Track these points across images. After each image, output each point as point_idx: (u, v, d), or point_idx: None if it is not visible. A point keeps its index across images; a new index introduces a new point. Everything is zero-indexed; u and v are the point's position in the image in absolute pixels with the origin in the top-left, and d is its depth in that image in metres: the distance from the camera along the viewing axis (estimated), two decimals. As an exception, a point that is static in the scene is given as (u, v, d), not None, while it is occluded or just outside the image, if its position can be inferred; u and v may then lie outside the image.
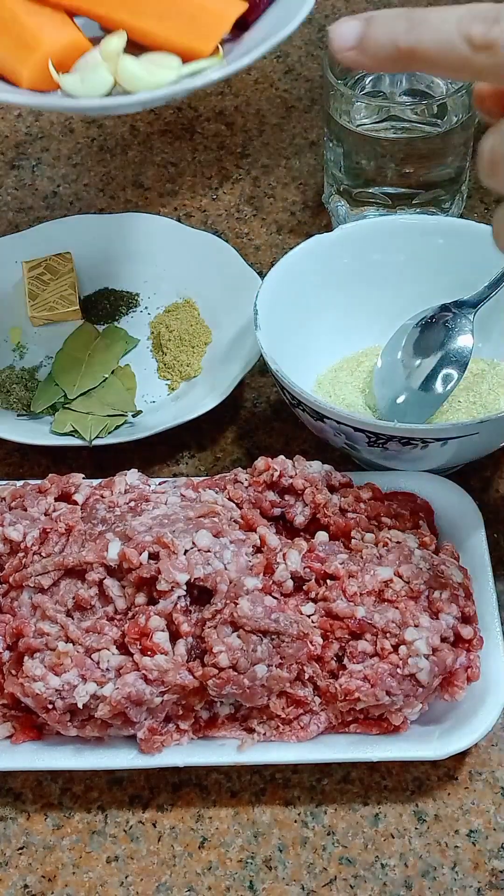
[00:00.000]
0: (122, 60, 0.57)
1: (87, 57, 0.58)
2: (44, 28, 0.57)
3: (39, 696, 0.56)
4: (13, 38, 0.57)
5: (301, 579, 0.60)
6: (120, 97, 0.57)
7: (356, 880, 0.57)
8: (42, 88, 0.58)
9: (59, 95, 0.58)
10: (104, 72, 0.57)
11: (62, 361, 0.80)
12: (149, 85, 0.57)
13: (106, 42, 0.58)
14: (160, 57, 0.58)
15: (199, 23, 0.58)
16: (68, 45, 0.58)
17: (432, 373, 0.72)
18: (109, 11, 0.58)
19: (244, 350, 0.79)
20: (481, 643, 0.59)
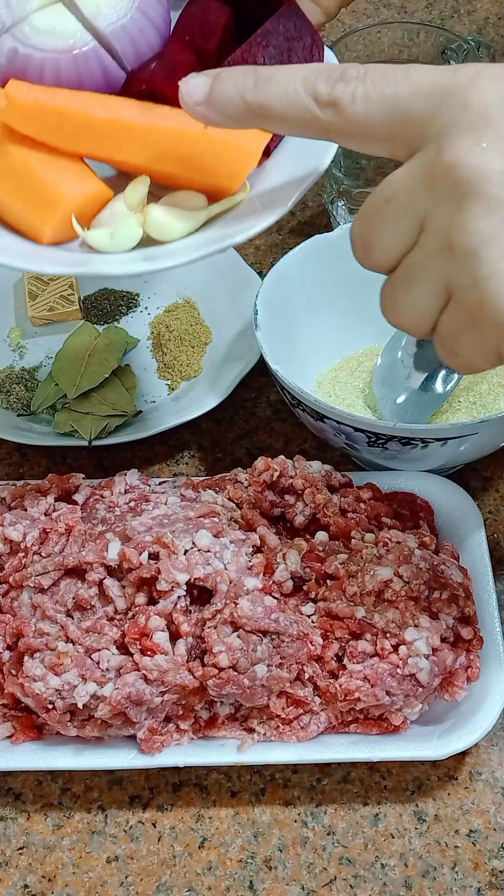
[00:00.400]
0: (149, 210, 0.54)
1: (112, 207, 0.55)
2: (63, 182, 0.54)
3: (39, 696, 0.56)
4: (31, 194, 0.54)
5: (301, 579, 0.60)
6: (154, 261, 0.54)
7: (356, 880, 0.57)
8: (62, 241, 0.56)
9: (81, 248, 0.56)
10: (133, 225, 0.54)
11: (62, 361, 0.80)
12: (179, 233, 0.55)
13: (130, 191, 0.54)
14: (185, 197, 0.56)
15: (224, 161, 0.55)
16: (90, 198, 0.55)
17: (432, 373, 0.72)
18: (130, 157, 0.55)
19: (244, 350, 0.79)
20: (481, 643, 0.59)
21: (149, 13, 0.57)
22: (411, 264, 0.47)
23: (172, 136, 0.54)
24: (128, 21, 0.56)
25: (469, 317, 0.46)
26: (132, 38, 0.56)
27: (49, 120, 0.53)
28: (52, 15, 0.56)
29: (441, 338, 0.48)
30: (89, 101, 0.54)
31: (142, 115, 0.54)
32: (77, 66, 0.55)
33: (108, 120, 0.54)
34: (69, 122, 0.54)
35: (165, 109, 0.55)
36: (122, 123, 0.54)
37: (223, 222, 0.56)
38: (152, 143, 0.54)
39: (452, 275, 0.45)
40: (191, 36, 0.58)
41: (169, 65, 0.56)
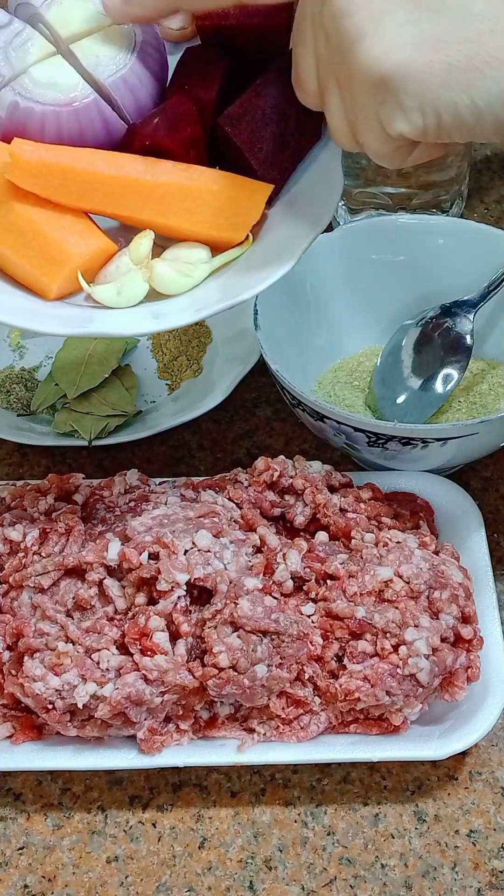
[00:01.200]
0: (154, 265, 0.55)
1: (117, 262, 0.56)
2: (69, 239, 0.54)
3: (39, 696, 0.56)
4: (37, 251, 0.54)
5: (301, 579, 0.60)
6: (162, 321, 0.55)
7: (356, 880, 0.57)
8: (67, 295, 0.56)
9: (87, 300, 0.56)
10: (139, 280, 0.55)
11: (62, 361, 0.80)
12: (184, 287, 0.55)
13: (135, 246, 0.55)
14: (188, 250, 0.56)
15: (227, 213, 0.55)
16: (95, 254, 0.55)
17: (432, 373, 0.72)
18: (134, 213, 0.55)
19: (244, 350, 0.79)
20: (481, 643, 0.59)
21: (147, 62, 0.57)
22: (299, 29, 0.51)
23: (177, 191, 0.55)
24: (127, 72, 0.56)
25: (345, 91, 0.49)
26: (132, 88, 0.56)
27: (53, 178, 0.54)
28: (52, 67, 0.55)
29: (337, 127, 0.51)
30: (93, 158, 0.54)
31: (145, 171, 0.54)
32: (78, 118, 0.55)
33: (112, 176, 0.54)
34: (74, 180, 0.54)
35: (168, 164, 0.55)
36: (127, 180, 0.54)
37: (228, 275, 0.56)
38: (156, 199, 0.55)
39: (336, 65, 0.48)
40: (190, 85, 0.57)
41: (171, 119, 0.56)
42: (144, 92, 0.57)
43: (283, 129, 0.56)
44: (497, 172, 0.94)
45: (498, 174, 0.94)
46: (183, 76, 0.58)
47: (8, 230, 0.54)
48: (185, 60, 0.59)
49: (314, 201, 0.57)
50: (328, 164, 0.58)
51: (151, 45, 0.57)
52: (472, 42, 0.45)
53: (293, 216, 0.57)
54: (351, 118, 0.50)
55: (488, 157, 0.96)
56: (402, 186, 0.81)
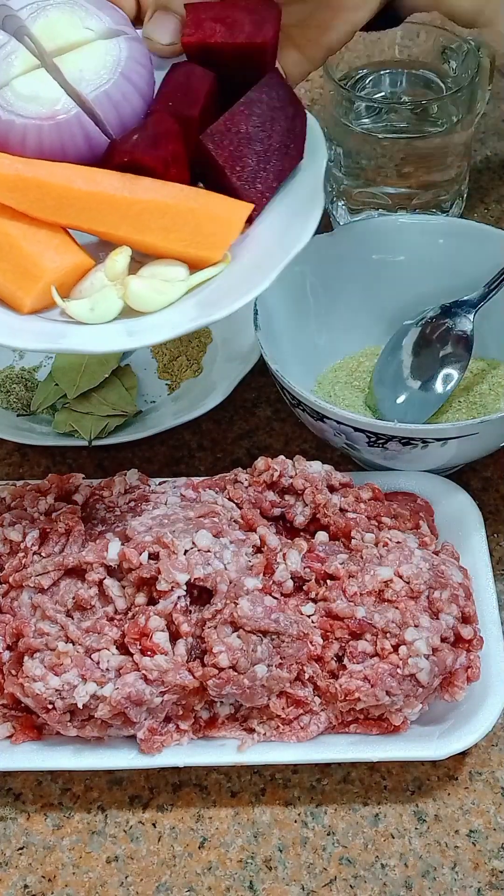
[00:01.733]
0: (129, 282, 0.54)
1: (92, 278, 0.55)
2: (45, 253, 0.54)
3: (39, 696, 0.56)
4: (12, 265, 0.54)
5: (301, 579, 0.60)
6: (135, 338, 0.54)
7: (356, 880, 0.57)
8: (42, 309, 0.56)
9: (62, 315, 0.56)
10: (113, 297, 0.54)
11: (62, 361, 0.80)
12: (159, 305, 0.55)
13: (111, 263, 0.54)
14: (165, 268, 0.56)
15: (205, 232, 0.55)
16: (71, 269, 0.55)
17: (432, 373, 0.72)
18: (111, 229, 0.55)
19: (244, 350, 0.79)
20: (481, 643, 0.59)
21: (132, 78, 0.56)
22: None
23: (154, 208, 0.54)
24: (111, 87, 0.56)
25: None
26: (115, 103, 0.56)
27: (30, 192, 0.53)
28: (35, 80, 0.55)
29: None
30: (70, 174, 0.54)
31: (123, 188, 0.54)
32: (60, 132, 0.55)
33: (89, 192, 0.54)
34: (50, 194, 0.54)
35: (147, 181, 0.55)
36: (104, 196, 0.54)
37: (204, 293, 0.56)
38: (134, 216, 0.54)
39: None
40: (174, 102, 0.57)
41: (151, 135, 0.55)
42: (128, 107, 0.56)
43: (266, 148, 0.56)
44: (497, 172, 0.94)
45: (498, 174, 0.94)
46: (167, 93, 0.58)
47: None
48: (170, 77, 0.58)
49: (294, 222, 0.56)
50: (310, 186, 0.58)
51: (137, 61, 0.57)
52: None
53: (272, 236, 0.57)
54: None
55: (488, 157, 0.96)
56: (402, 186, 0.81)
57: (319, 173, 0.58)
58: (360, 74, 0.83)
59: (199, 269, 0.56)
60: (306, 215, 0.56)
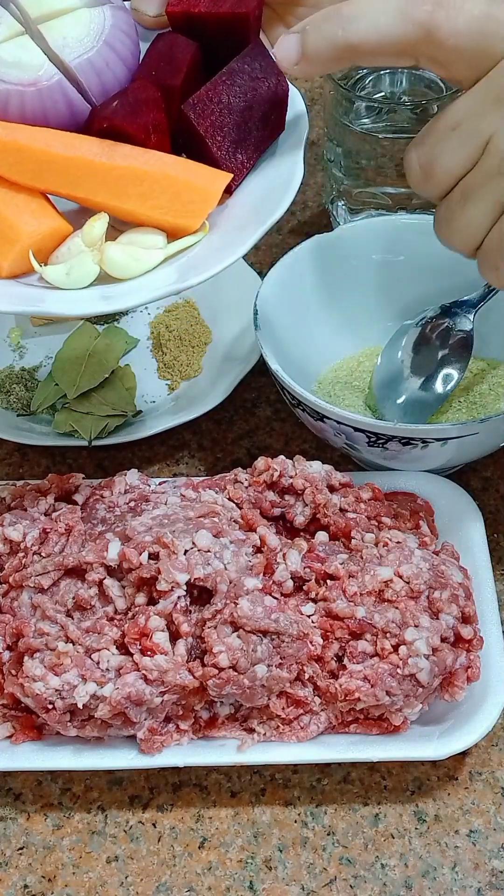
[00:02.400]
0: (106, 248, 0.54)
1: (70, 244, 0.56)
2: (22, 217, 0.54)
3: (39, 696, 0.56)
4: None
5: (301, 579, 0.60)
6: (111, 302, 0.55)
7: (356, 880, 0.57)
8: (20, 274, 0.56)
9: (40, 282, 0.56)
10: (89, 262, 0.54)
11: (62, 361, 0.80)
12: (136, 272, 0.55)
13: (88, 228, 0.54)
14: (144, 236, 0.56)
15: (184, 200, 0.55)
16: (49, 234, 0.55)
17: (432, 373, 0.72)
18: (89, 195, 0.55)
19: (244, 350, 0.79)
20: (481, 643, 0.59)
21: (116, 46, 0.57)
22: (471, 184, 0.52)
23: (132, 175, 0.54)
24: (94, 54, 0.56)
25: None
26: (98, 71, 0.56)
27: (9, 155, 0.54)
28: (18, 47, 0.56)
29: (486, 252, 0.53)
30: (49, 138, 0.54)
31: (102, 153, 0.54)
32: (42, 99, 0.55)
33: (68, 157, 0.54)
34: (29, 158, 0.54)
35: (126, 148, 0.55)
36: (83, 161, 0.54)
37: (182, 261, 0.56)
38: (112, 182, 0.55)
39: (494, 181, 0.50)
40: (157, 71, 0.57)
41: (132, 102, 0.56)
42: (111, 75, 0.57)
43: (246, 119, 0.57)
44: (497, 172, 0.94)
45: (498, 174, 0.94)
46: (150, 62, 0.58)
47: None
48: (154, 47, 0.59)
49: (273, 192, 0.57)
50: (289, 157, 0.58)
51: (122, 30, 0.57)
52: None
53: (250, 206, 0.57)
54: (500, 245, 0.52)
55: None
56: (402, 186, 0.81)
57: (300, 144, 0.59)
58: (360, 74, 0.83)
59: (178, 239, 0.57)
60: (285, 186, 0.57)
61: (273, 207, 0.56)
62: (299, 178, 0.57)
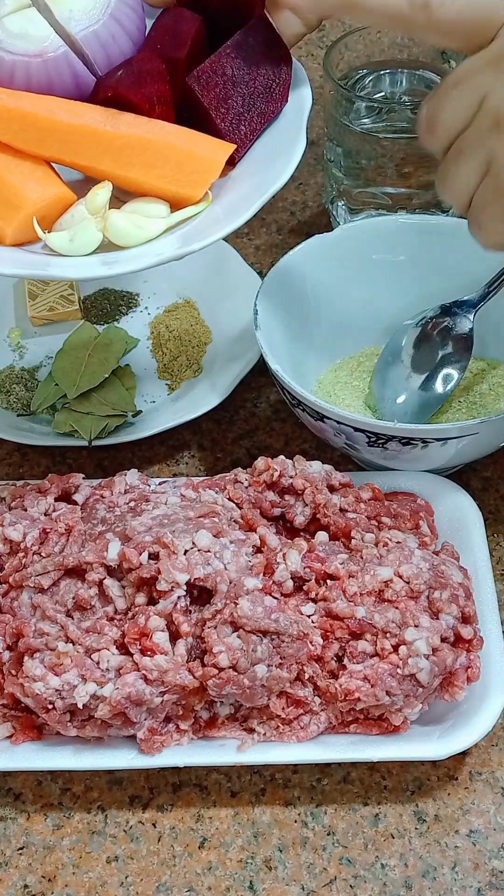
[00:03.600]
0: (109, 216, 0.55)
1: (73, 211, 0.56)
2: (27, 184, 0.55)
3: (39, 696, 0.56)
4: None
5: (301, 579, 0.60)
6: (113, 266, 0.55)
7: (356, 880, 0.57)
8: (25, 242, 0.57)
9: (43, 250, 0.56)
10: (93, 229, 0.55)
11: (62, 361, 0.80)
12: (138, 239, 0.56)
13: (92, 196, 0.55)
14: (147, 205, 0.57)
15: (187, 170, 0.56)
16: (53, 201, 0.56)
17: (432, 373, 0.72)
18: (93, 162, 0.56)
19: (244, 350, 0.79)
20: (481, 643, 0.59)
21: (122, 20, 0.57)
22: (465, 140, 0.53)
23: (136, 143, 0.55)
24: (100, 27, 0.56)
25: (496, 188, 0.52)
26: (104, 43, 0.57)
27: (13, 123, 0.54)
28: (25, 19, 0.56)
29: (473, 209, 0.55)
30: (54, 106, 0.55)
31: (106, 122, 0.55)
32: (47, 70, 0.56)
33: (72, 125, 0.55)
34: (33, 126, 0.54)
35: (130, 117, 0.55)
36: (86, 129, 0.55)
37: (184, 230, 0.56)
38: (116, 150, 0.55)
39: (495, 148, 0.52)
40: (162, 44, 0.58)
41: (136, 72, 0.56)
42: (117, 48, 0.57)
43: (251, 91, 0.58)
44: (497, 172, 0.94)
45: (498, 174, 0.94)
46: (155, 35, 0.59)
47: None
48: (159, 21, 0.59)
49: (275, 162, 0.58)
50: (292, 128, 0.59)
51: (128, 5, 0.58)
52: None
53: (253, 175, 0.58)
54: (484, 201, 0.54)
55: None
56: (402, 186, 0.81)
57: (303, 116, 0.60)
58: (360, 74, 0.83)
59: (181, 208, 0.57)
60: (287, 157, 0.57)
61: (275, 178, 0.56)
62: (301, 148, 0.58)
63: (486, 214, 0.54)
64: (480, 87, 0.52)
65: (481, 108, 0.52)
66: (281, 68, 0.59)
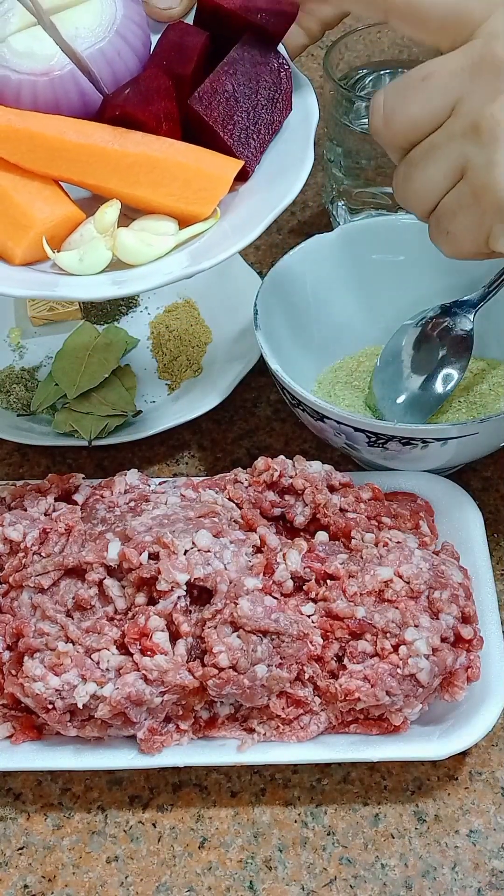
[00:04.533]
0: (118, 234, 0.55)
1: (82, 230, 0.56)
2: (35, 204, 0.55)
3: (39, 696, 0.56)
4: (3, 216, 0.55)
5: (301, 579, 0.60)
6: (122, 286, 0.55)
7: (356, 880, 0.57)
8: (34, 261, 0.57)
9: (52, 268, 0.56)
10: (102, 248, 0.55)
11: (62, 361, 0.80)
12: (147, 258, 0.56)
13: (100, 215, 0.55)
14: (156, 223, 0.57)
15: (195, 187, 0.56)
16: (62, 221, 0.56)
17: (432, 373, 0.72)
18: (101, 181, 0.56)
19: (244, 350, 0.79)
20: (481, 643, 0.59)
21: (127, 37, 0.57)
22: (434, 143, 0.51)
23: (144, 161, 0.55)
24: (106, 45, 0.57)
25: (473, 196, 0.50)
26: (110, 61, 0.57)
27: (22, 143, 0.54)
28: (31, 37, 0.56)
29: (439, 215, 0.52)
30: (62, 126, 0.55)
31: (114, 140, 0.55)
32: (54, 88, 0.56)
33: (80, 144, 0.55)
34: (42, 146, 0.54)
35: (138, 135, 0.55)
36: (95, 148, 0.55)
37: (193, 247, 0.56)
38: (124, 169, 0.55)
39: (470, 155, 0.49)
40: (168, 60, 0.58)
41: (143, 90, 0.56)
42: (123, 65, 0.57)
43: (254, 104, 0.58)
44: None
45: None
46: (162, 52, 0.59)
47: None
48: (165, 37, 0.59)
49: (284, 177, 0.57)
50: (300, 140, 0.59)
51: (133, 21, 0.58)
52: None
53: (261, 190, 0.58)
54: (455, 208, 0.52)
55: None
56: (402, 186, 0.81)
57: (311, 127, 0.59)
58: (360, 74, 0.83)
59: (189, 225, 0.57)
60: (296, 171, 0.57)
61: (284, 193, 0.56)
62: (310, 163, 0.58)
63: (458, 222, 0.52)
64: (454, 89, 0.50)
65: (455, 112, 0.50)
66: (281, 78, 0.59)
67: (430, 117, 0.51)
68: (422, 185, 0.52)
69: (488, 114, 0.48)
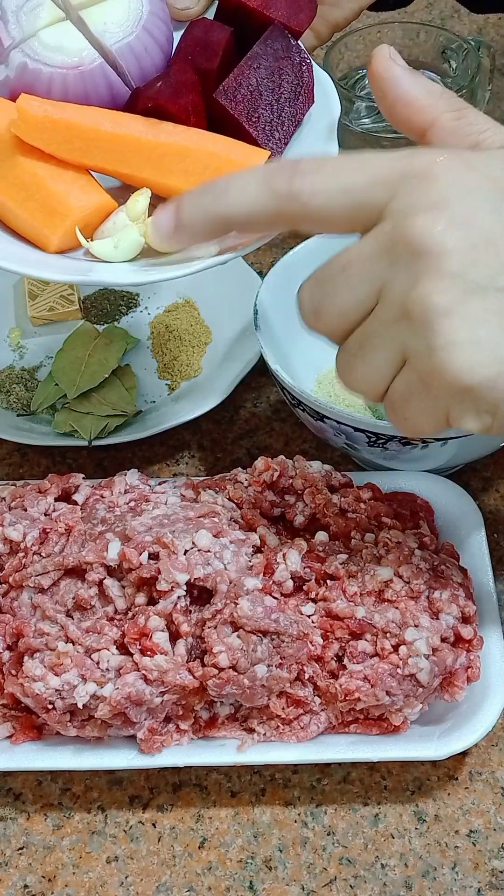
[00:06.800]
0: (150, 223, 0.56)
1: (115, 219, 0.57)
2: (71, 193, 0.56)
3: (39, 696, 0.56)
4: (39, 204, 0.56)
5: (301, 579, 0.60)
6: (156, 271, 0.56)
7: (356, 880, 0.57)
8: (67, 249, 0.58)
9: (85, 256, 0.58)
10: (135, 234, 0.56)
11: (62, 361, 0.80)
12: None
13: (132, 203, 0.57)
14: None
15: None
16: (95, 209, 0.57)
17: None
18: (134, 171, 0.57)
19: (244, 350, 0.79)
20: (481, 643, 0.59)
21: (153, 32, 0.59)
22: (368, 332, 0.49)
23: (176, 151, 0.56)
24: (133, 39, 0.58)
25: (422, 382, 0.48)
26: (137, 55, 0.59)
27: (58, 133, 0.56)
28: (61, 32, 0.58)
29: (392, 402, 0.51)
30: (97, 116, 0.56)
31: (147, 131, 0.56)
32: (84, 81, 0.57)
33: (115, 134, 0.56)
34: (78, 136, 0.56)
35: (169, 126, 0.57)
36: (129, 138, 0.56)
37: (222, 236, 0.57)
38: (156, 158, 0.56)
39: (409, 342, 0.48)
40: (193, 56, 0.60)
41: (174, 83, 0.58)
42: (149, 60, 0.59)
43: (278, 96, 0.59)
44: (497, 172, 0.94)
45: (498, 174, 0.94)
46: (187, 47, 0.61)
47: (12, 183, 0.56)
48: (189, 32, 0.61)
49: None
50: (323, 130, 0.61)
51: (158, 17, 0.60)
52: None
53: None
54: (406, 395, 0.50)
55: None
56: (402, 186, 0.81)
57: (333, 118, 0.61)
58: (360, 74, 0.83)
59: None
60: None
61: None
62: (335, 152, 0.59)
63: (412, 408, 0.50)
64: (376, 276, 0.48)
65: (382, 299, 0.48)
66: (303, 72, 0.60)
67: (358, 305, 0.49)
68: (366, 373, 0.50)
69: (416, 298, 0.46)
